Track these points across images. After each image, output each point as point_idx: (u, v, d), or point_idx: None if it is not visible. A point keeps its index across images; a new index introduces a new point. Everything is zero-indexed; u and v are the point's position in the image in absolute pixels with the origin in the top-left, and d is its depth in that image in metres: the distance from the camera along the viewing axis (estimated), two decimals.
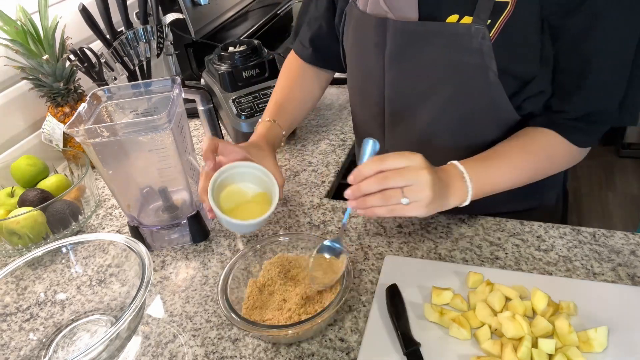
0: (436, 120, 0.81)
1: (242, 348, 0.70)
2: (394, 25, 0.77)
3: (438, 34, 0.73)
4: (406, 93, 0.82)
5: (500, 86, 0.73)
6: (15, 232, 0.88)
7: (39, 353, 0.72)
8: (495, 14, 0.69)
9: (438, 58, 0.75)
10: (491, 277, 0.73)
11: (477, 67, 0.73)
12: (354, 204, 0.69)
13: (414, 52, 0.77)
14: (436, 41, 0.74)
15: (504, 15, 0.69)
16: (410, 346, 0.64)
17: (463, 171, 0.72)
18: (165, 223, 0.87)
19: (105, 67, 1.13)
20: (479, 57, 0.72)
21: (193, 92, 0.89)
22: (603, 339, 0.62)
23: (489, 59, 0.71)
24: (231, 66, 1.14)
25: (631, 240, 0.79)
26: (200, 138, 1.25)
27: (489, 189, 0.75)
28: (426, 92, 0.79)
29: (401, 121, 0.86)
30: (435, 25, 0.73)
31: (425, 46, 0.75)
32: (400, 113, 0.85)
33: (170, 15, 1.29)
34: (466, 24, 0.71)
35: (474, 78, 0.74)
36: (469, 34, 0.71)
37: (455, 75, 0.75)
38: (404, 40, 0.77)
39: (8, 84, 1.12)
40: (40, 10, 1.06)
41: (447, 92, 0.77)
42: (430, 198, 0.66)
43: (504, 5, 0.69)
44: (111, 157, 0.80)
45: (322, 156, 1.11)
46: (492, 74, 0.72)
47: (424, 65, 0.77)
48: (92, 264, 0.79)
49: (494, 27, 0.70)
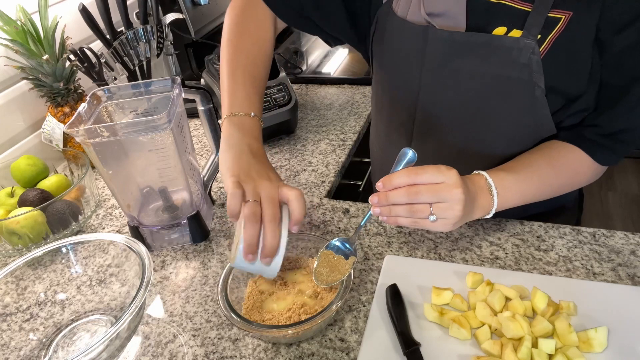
0: (470, 133, 0.79)
1: (242, 348, 0.70)
2: (437, 34, 0.74)
3: (484, 45, 0.71)
4: (442, 103, 0.80)
5: (546, 103, 0.71)
6: (15, 232, 0.88)
7: (39, 353, 0.72)
8: (546, 29, 0.67)
9: (481, 70, 0.73)
10: (491, 277, 0.73)
11: (524, 83, 0.70)
12: (379, 210, 0.67)
13: (456, 63, 0.74)
14: (481, 53, 0.72)
15: (555, 30, 0.67)
16: (410, 346, 0.64)
17: (491, 185, 0.70)
18: (165, 223, 0.87)
19: (105, 67, 1.13)
20: (527, 73, 0.69)
21: (193, 92, 0.89)
22: (603, 339, 0.62)
23: (537, 75, 0.69)
24: None
25: (631, 240, 0.79)
26: (200, 138, 1.25)
27: (512, 203, 0.73)
28: (464, 104, 0.77)
29: (431, 131, 0.83)
30: (482, 37, 0.71)
31: (468, 57, 0.73)
32: (431, 122, 0.82)
33: (170, 15, 1.29)
34: (515, 38, 0.69)
35: (519, 94, 0.72)
36: (517, 48, 0.68)
37: (498, 89, 0.73)
38: (447, 50, 0.74)
39: (8, 84, 1.12)
40: (40, 10, 1.06)
41: (488, 105, 0.75)
42: (459, 217, 0.65)
43: (556, 21, 0.67)
44: (111, 157, 0.80)
45: (322, 156, 1.11)
46: (539, 90, 0.70)
47: (465, 77, 0.75)
48: (92, 264, 0.79)
49: (544, 43, 0.68)
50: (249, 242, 0.63)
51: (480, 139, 0.78)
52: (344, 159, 1.09)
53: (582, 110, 0.73)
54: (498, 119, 0.76)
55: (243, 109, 0.76)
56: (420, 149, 0.86)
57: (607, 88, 0.70)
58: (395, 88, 0.87)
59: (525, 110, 0.73)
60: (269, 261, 0.64)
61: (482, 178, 0.71)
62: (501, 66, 0.71)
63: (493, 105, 0.75)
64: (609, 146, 0.73)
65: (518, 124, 0.75)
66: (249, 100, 0.77)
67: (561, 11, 0.67)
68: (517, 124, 0.75)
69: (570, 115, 0.74)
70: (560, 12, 0.67)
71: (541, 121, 0.74)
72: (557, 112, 0.73)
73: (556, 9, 0.67)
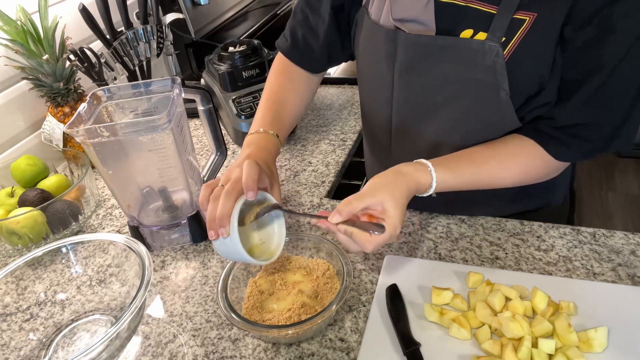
0: (443, 134, 0.80)
1: (242, 348, 0.70)
2: (406, 38, 0.75)
3: (451, 48, 0.72)
4: (415, 105, 0.81)
5: (510, 104, 0.72)
6: (15, 232, 0.88)
7: (39, 353, 0.72)
8: (511, 30, 0.68)
9: (450, 73, 0.74)
10: (491, 277, 0.73)
11: (489, 85, 0.71)
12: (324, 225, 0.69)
13: (425, 66, 0.76)
14: (449, 56, 0.73)
15: (519, 32, 0.67)
16: (410, 346, 0.64)
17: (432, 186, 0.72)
18: (165, 223, 0.87)
19: (105, 67, 1.13)
20: (492, 75, 0.70)
21: (193, 92, 0.89)
22: (603, 339, 0.62)
23: (501, 77, 0.70)
24: (231, 66, 1.14)
25: (631, 240, 0.79)
26: (200, 138, 1.25)
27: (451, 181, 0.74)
28: (435, 105, 0.78)
29: (408, 132, 0.85)
30: (449, 40, 0.72)
31: (437, 60, 0.74)
32: (407, 124, 0.84)
33: (170, 15, 1.29)
34: (480, 40, 0.69)
35: (485, 95, 0.73)
36: (482, 50, 0.69)
37: (466, 91, 0.74)
38: (416, 53, 0.75)
39: (8, 84, 1.12)
40: (40, 10, 1.06)
41: (457, 107, 0.76)
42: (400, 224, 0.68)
43: (520, 22, 0.67)
44: (111, 157, 0.80)
45: (322, 156, 1.11)
46: (503, 92, 0.71)
47: (435, 79, 0.76)
48: (92, 264, 0.79)
49: (509, 44, 0.68)
50: (207, 219, 0.67)
51: (452, 140, 0.80)
52: (344, 159, 1.09)
53: (542, 105, 0.74)
54: (467, 118, 0.77)
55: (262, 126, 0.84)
56: (399, 144, 0.88)
57: (564, 82, 0.71)
58: (373, 90, 0.89)
59: (491, 111, 0.74)
60: (223, 232, 0.64)
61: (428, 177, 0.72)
62: (468, 68, 0.72)
63: (462, 105, 0.76)
64: (562, 140, 0.73)
65: (486, 122, 0.76)
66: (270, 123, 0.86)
67: (526, 12, 0.67)
68: (485, 123, 0.76)
69: (532, 110, 0.75)
70: (525, 14, 0.67)
71: (507, 120, 0.75)
72: (520, 108, 0.74)
73: (521, 10, 0.67)
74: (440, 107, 0.78)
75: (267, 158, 0.78)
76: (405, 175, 0.71)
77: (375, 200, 0.67)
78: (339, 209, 0.67)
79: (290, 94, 0.92)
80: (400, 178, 0.70)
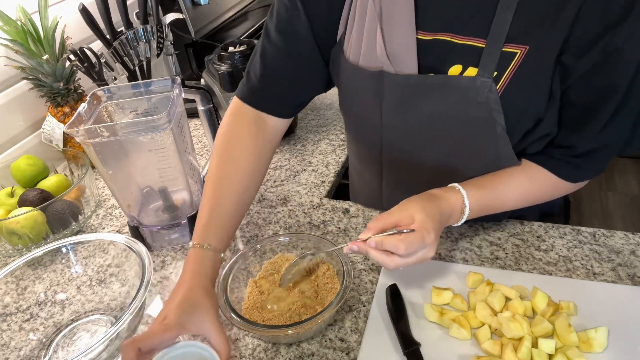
0: (437, 168, 0.78)
1: (242, 348, 0.70)
2: (392, 78, 0.71)
3: (442, 86, 0.69)
4: (406, 140, 0.78)
5: (507, 138, 0.70)
6: (15, 232, 0.88)
7: (39, 353, 0.72)
8: (502, 64, 0.65)
9: (441, 110, 0.71)
10: (491, 277, 0.73)
11: (484, 121, 0.69)
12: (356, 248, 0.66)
13: (415, 104, 0.72)
14: (438, 94, 0.70)
15: (512, 65, 0.65)
16: (410, 346, 0.64)
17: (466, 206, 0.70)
18: (165, 223, 0.87)
19: (105, 67, 1.13)
20: (486, 111, 0.68)
21: (193, 92, 0.89)
22: (603, 339, 0.62)
23: (496, 112, 0.67)
24: (231, 66, 1.14)
25: (631, 240, 0.79)
26: (200, 138, 1.25)
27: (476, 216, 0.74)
28: (428, 142, 0.76)
29: (400, 165, 0.82)
30: (438, 78, 0.69)
31: (427, 99, 0.71)
32: (399, 158, 0.82)
33: (170, 15, 1.29)
34: (470, 77, 0.66)
35: (479, 131, 0.71)
36: (474, 87, 0.66)
37: (460, 129, 0.72)
38: (404, 92, 0.72)
39: (8, 84, 1.12)
40: (40, 10, 1.06)
41: (451, 143, 0.74)
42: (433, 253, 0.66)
43: (511, 56, 0.65)
44: (111, 157, 0.80)
45: (322, 156, 1.11)
46: (499, 127, 0.69)
47: (426, 117, 0.73)
48: (92, 264, 0.79)
49: (502, 78, 0.66)
50: None
51: (447, 175, 0.77)
52: (344, 159, 1.09)
53: (542, 136, 0.72)
54: (462, 155, 0.75)
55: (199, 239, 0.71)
56: (392, 180, 0.85)
57: (575, 109, 0.69)
58: (360, 126, 0.86)
59: (488, 147, 0.72)
60: None
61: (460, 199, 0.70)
62: (460, 106, 0.69)
63: (456, 142, 0.74)
64: (577, 164, 0.72)
65: (482, 158, 0.75)
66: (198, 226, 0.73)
67: (516, 45, 0.64)
68: (481, 159, 0.75)
69: (532, 143, 0.73)
70: (516, 47, 0.64)
71: (503, 156, 0.73)
72: (517, 143, 0.72)
73: (511, 43, 0.64)
74: (433, 146, 0.76)
75: (205, 284, 0.67)
76: (436, 195, 0.69)
77: (405, 213, 0.65)
78: (369, 226, 0.65)
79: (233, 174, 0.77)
80: (432, 197, 0.69)
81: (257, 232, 0.90)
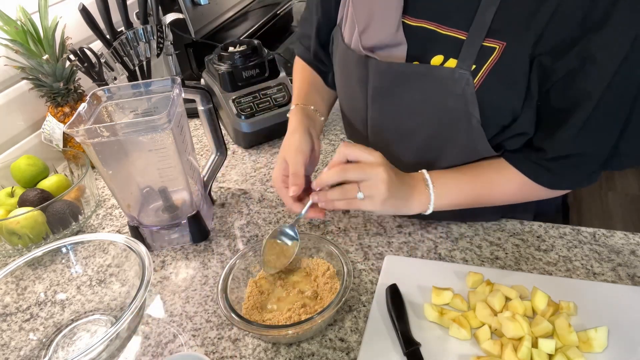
0: (417, 157, 0.79)
1: (242, 348, 0.70)
2: (377, 65, 0.74)
3: (422, 76, 0.71)
4: (389, 129, 0.80)
5: (482, 131, 0.70)
6: (15, 232, 0.88)
7: (39, 353, 0.72)
8: (480, 58, 0.66)
9: (421, 100, 0.73)
10: (491, 277, 0.73)
11: (460, 112, 0.70)
12: (316, 197, 0.72)
13: (397, 92, 0.75)
14: (420, 83, 0.71)
15: (490, 60, 0.66)
16: (410, 346, 0.64)
17: (427, 179, 0.73)
18: (165, 223, 0.87)
19: (105, 67, 1.13)
20: (462, 103, 0.69)
21: (193, 92, 0.89)
22: (603, 339, 0.62)
23: (472, 105, 0.68)
24: (231, 66, 1.14)
25: (631, 240, 0.79)
26: (200, 138, 1.25)
27: (451, 200, 0.74)
28: (408, 130, 0.77)
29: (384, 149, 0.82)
30: (420, 67, 0.70)
31: (409, 87, 0.73)
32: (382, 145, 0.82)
33: (170, 15, 1.29)
34: (450, 69, 0.68)
35: (456, 123, 0.71)
36: (452, 78, 0.67)
37: (437, 118, 0.73)
38: (388, 80, 0.74)
39: (8, 84, 1.12)
40: (40, 10, 1.06)
41: (429, 133, 0.75)
42: (384, 195, 0.68)
43: (490, 51, 0.65)
44: (111, 157, 0.80)
45: (322, 156, 1.11)
46: (474, 120, 0.69)
47: (407, 106, 0.75)
48: (92, 264, 0.79)
49: (479, 73, 0.66)
50: None
51: (427, 164, 0.78)
52: None
53: (518, 134, 0.72)
54: (441, 145, 0.76)
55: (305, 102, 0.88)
56: None
57: (552, 112, 0.69)
58: (350, 109, 0.89)
59: (464, 138, 0.73)
60: None
61: (421, 173, 0.74)
62: (439, 96, 0.71)
63: (435, 132, 0.75)
64: (554, 170, 0.71)
65: (461, 149, 0.75)
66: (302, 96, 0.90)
67: (495, 41, 0.65)
68: (459, 149, 0.75)
69: (507, 139, 0.73)
70: (494, 42, 0.65)
71: (480, 149, 0.73)
72: (493, 137, 0.72)
73: (491, 38, 0.65)
74: (414, 132, 0.77)
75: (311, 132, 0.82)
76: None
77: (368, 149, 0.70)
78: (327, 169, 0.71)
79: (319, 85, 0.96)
80: None
81: (257, 232, 0.90)
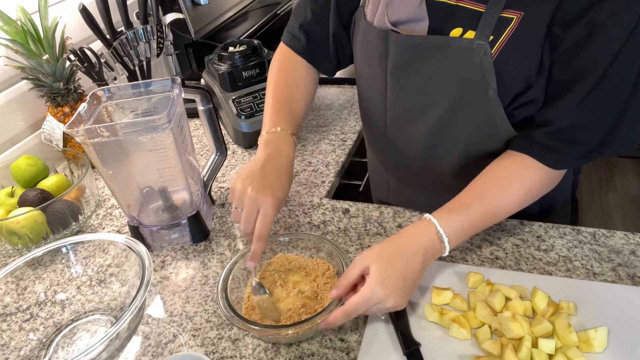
0: (435, 131, 0.80)
1: (242, 348, 0.70)
2: (396, 38, 0.76)
3: (441, 48, 0.72)
4: (407, 104, 0.82)
5: (499, 102, 0.72)
6: (15, 232, 0.88)
7: (39, 353, 0.72)
8: (498, 29, 0.68)
9: (440, 72, 0.74)
10: (491, 277, 0.73)
11: (478, 83, 0.71)
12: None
13: (416, 66, 0.76)
14: (439, 55, 0.73)
15: (507, 31, 0.68)
16: (410, 346, 0.64)
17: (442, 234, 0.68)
18: (165, 223, 0.87)
19: (105, 67, 1.13)
20: (480, 73, 0.70)
21: (193, 92, 0.89)
22: (603, 339, 0.62)
23: (489, 75, 0.70)
24: (231, 66, 1.14)
25: (631, 240, 0.79)
26: (200, 138, 1.25)
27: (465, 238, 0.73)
28: (426, 104, 0.79)
29: (402, 129, 0.85)
30: (439, 39, 0.72)
31: (428, 60, 0.75)
32: (401, 122, 0.85)
33: (170, 15, 1.29)
34: (469, 39, 0.69)
35: (473, 94, 0.73)
36: (470, 49, 0.69)
37: (456, 89, 0.74)
38: (407, 53, 0.76)
39: (8, 84, 1.12)
40: (40, 10, 1.06)
41: (447, 106, 0.76)
42: (398, 297, 0.64)
43: (508, 21, 0.67)
44: (111, 157, 0.80)
45: (322, 156, 1.11)
46: (491, 90, 0.71)
47: (426, 79, 0.77)
48: (92, 264, 0.79)
49: (497, 43, 0.68)
50: None
51: (446, 138, 0.80)
52: (343, 159, 1.09)
53: (530, 101, 0.72)
54: (458, 117, 0.77)
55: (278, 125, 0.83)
56: (394, 140, 0.89)
57: (558, 83, 0.70)
58: (368, 88, 0.90)
59: (481, 109, 0.74)
60: None
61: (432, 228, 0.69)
62: (457, 67, 0.72)
63: (453, 104, 0.76)
64: (558, 148, 0.71)
65: (477, 122, 0.76)
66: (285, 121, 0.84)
67: (513, 11, 0.67)
68: (476, 123, 0.76)
69: (518, 107, 0.73)
70: (512, 12, 0.67)
71: (497, 121, 0.74)
72: (506, 106, 0.73)
73: (509, 9, 0.67)
74: (432, 106, 0.78)
75: (285, 161, 0.78)
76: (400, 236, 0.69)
77: (362, 266, 0.65)
78: (331, 294, 0.66)
79: (296, 91, 0.91)
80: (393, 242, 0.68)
81: None
